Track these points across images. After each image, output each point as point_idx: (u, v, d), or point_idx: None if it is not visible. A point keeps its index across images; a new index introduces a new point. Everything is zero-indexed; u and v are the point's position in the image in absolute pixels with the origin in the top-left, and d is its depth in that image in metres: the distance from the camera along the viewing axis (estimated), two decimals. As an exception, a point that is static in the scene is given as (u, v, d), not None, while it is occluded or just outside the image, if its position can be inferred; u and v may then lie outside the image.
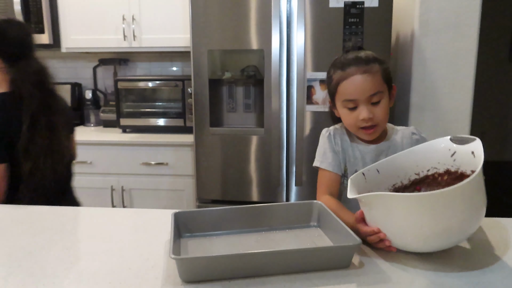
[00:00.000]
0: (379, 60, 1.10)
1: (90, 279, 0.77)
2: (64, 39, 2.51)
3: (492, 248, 0.89)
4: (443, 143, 0.93)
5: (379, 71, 1.08)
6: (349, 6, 1.85)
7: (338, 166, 1.17)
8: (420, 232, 0.78)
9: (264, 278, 0.76)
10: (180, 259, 0.74)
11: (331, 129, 1.22)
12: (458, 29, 1.91)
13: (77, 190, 2.37)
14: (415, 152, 0.96)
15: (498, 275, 0.77)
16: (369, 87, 1.06)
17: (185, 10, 2.36)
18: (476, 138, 0.87)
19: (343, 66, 1.09)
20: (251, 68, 1.98)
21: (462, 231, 0.79)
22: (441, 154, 0.93)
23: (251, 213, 0.98)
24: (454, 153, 0.90)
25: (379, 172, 0.95)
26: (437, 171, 0.94)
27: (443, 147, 0.92)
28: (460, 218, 0.76)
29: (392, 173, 0.97)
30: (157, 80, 2.45)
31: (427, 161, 0.95)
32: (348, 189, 0.88)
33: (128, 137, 2.36)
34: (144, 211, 1.17)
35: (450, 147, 0.91)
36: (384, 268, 0.80)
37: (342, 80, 1.08)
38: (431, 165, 0.95)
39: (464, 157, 0.88)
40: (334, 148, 1.18)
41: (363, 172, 0.94)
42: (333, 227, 0.90)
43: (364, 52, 1.12)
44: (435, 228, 0.76)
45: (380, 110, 1.07)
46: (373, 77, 1.06)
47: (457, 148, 0.90)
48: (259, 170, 2.03)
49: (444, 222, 0.75)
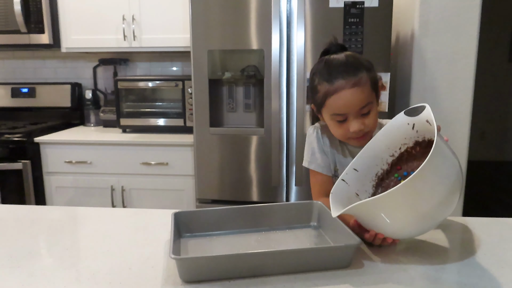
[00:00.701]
0: (366, 67, 1.03)
1: (90, 279, 0.77)
2: (64, 39, 2.51)
3: (492, 248, 0.89)
4: (400, 120, 0.94)
5: (368, 81, 1.01)
6: (349, 6, 1.85)
7: (327, 167, 1.14)
8: (407, 219, 0.80)
9: (264, 278, 0.76)
10: (180, 259, 0.74)
11: (318, 127, 1.17)
12: (458, 29, 1.91)
13: (77, 190, 2.38)
14: (381, 138, 0.97)
15: (498, 274, 0.77)
16: (359, 101, 1.00)
17: (185, 10, 2.36)
18: (426, 105, 0.88)
19: (329, 78, 1.01)
20: (251, 68, 1.98)
21: (446, 202, 0.80)
22: (404, 129, 0.94)
23: (251, 213, 0.98)
24: (413, 125, 0.92)
25: (358, 170, 0.96)
26: (408, 145, 0.96)
27: (402, 123, 0.94)
28: (440, 190, 0.77)
29: (369, 165, 0.97)
30: (157, 80, 2.45)
31: (395, 140, 0.96)
32: (331, 207, 0.86)
33: (128, 137, 2.36)
34: (144, 211, 1.17)
35: (408, 121, 0.93)
36: (384, 268, 0.80)
37: (330, 94, 1.01)
38: (400, 143, 0.96)
39: (423, 126, 0.89)
40: (322, 149, 1.14)
41: (343, 178, 0.94)
42: (333, 227, 0.90)
43: (348, 56, 1.04)
44: (421, 209, 0.78)
45: (370, 119, 1.03)
46: (363, 90, 1.00)
47: (414, 120, 0.92)
48: (259, 170, 2.03)
49: (427, 200, 0.77)
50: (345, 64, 1.01)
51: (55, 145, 2.35)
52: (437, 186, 0.77)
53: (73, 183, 2.37)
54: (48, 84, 2.83)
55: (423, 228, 0.84)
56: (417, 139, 0.93)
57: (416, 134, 0.93)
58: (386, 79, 1.87)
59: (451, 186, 0.78)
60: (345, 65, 1.01)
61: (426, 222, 0.81)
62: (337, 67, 1.01)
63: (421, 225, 0.82)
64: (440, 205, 0.78)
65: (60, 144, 2.35)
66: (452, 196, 0.79)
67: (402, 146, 0.96)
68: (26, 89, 2.81)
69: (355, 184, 0.95)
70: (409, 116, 0.93)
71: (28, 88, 2.81)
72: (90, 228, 1.05)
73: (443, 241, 0.92)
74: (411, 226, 0.81)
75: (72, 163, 2.34)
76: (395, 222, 0.81)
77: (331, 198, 0.89)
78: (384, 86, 1.88)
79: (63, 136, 2.44)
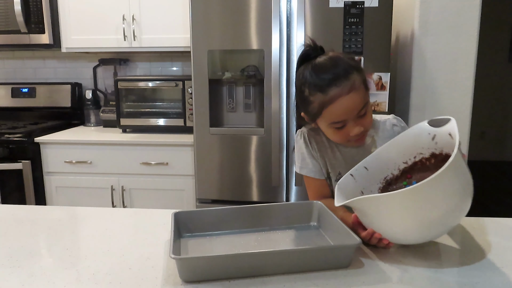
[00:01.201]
0: (355, 66, 0.98)
1: (90, 279, 0.77)
2: (64, 39, 2.51)
3: (492, 248, 0.89)
4: (422, 128, 0.93)
5: (361, 82, 0.97)
6: (349, 6, 1.85)
7: (319, 172, 1.12)
8: (409, 225, 0.79)
9: (264, 278, 0.76)
10: (180, 259, 0.74)
11: (304, 132, 1.13)
12: (458, 29, 1.91)
13: (77, 190, 2.38)
14: (398, 142, 0.96)
15: (498, 274, 0.77)
16: (357, 104, 0.96)
17: (185, 10, 2.36)
18: (451, 118, 0.87)
19: (322, 88, 0.95)
20: (251, 68, 1.98)
21: (453, 215, 0.79)
22: (423, 139, 0.93)
23: (251, 213, 0.98)
24: (434, 136, 0.91)
25: (368, 169, 0.96)
26: (423, 156, 0.95)
27: (423, 132, 0.93)
28: (447, 203, 0.76)
29: (381, 166, 0.97)
30: (157, 80, 2.45)
31: (411, 148, 0.95)
32: (335, 196, 0.87)
33: (128, 137, 2.36)
34: (144, 211, 1.17)
35: (429, 131, 0.92)
36: (384, 268, 0.80)
37: (326, 104, 0.96)
38: (416, 152, 0.95)
39: (444, 139, 0.89)
40: (311, 154, 1.11)
41: (351, 173, 0.94)
42: (333, 227, 0.90)
43: (333, 59, 0.98)
44: (425, 218, 0.77)
45: (367, 119, 1.00)
46: (359, 93, 0.96)
47: (436, 131, 0.91)
48: (259, 170, 2.03)
49: (432, 210, 0.76)
50: (333, 69, 0.96)
51: (55, 145, 2.35)
52: (444, 199, 0.76)
53: (73, 183, 2.37)
54: (48, 84, 2.83)
55: (420, 237, 0.82)
56: (434, 151, 0.92)
57: (435, 146, 0.91)
58: (386, 79, 1.87)
59: (459, 202, 0.78)
60: (334, 71, 0.96)
61: (424, 232, 0.80)
62: (326, 74, 0.96)
63: (419, 233, 0.81)
64: (442, 219, 0.78)
65: (60, 144, 2.35)
66: (458, 213, 0.79)
67: (418, 155, 0.95)
68: (26, 89, 2.81)
69: (362, 182, 0.95)
70: (432, 126, 0.91)
71: (28, 88, 2.81)
72: (90, 228, 1.05)
73: (443, 241, 0.92)
74: (410, 231, 0.81)
75: (72, 163, 2.34)
76: (396, 224, 0.80)
77: (336, 188, 0.89)
78: (384, 86, 1.88)
79: (63, 136, 2.44)
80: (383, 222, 0.82)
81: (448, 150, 0.88)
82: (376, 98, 1.89)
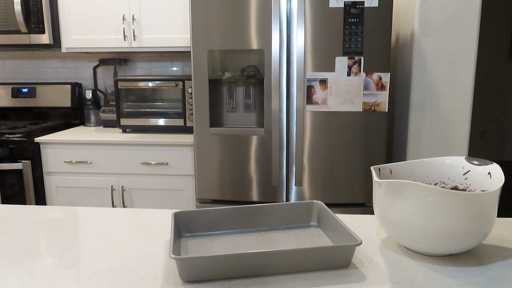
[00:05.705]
0: None
1: (90, 279, 0.77)
2: (64, 39, 2.52)
3: (492, 248, 0.89)
4: (457, 160, 0.92)
5: None
6: (349, 6, 1.85)
7: None
8: (434, 228, 0.77)
9: (264, 278, 0.76)
10: (180, 259, 0.74)
11: None
12: (458, 29, 1.91)
13: (77, 190, 2.38)
14: (428, 163, 0.96)
15: (498, 274, 0.77)
16: None
17: (185, 10, 2.36)
18: (494, 163, 0.87)
19: None
20: (251, 68, 1.98)
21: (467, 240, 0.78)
22: (454, 170, 0.92)
23: (251, 213, 0.98)
24: (467, 171, 0.90)
25: (392, 173, 0.96)
26: (444, 186, 0.94)
27: (456, 164, 0.92)
28: (480, 224, 0.76)
29: (402, 177, 0.96)
30: (157, 80, 2.45)
31: (438, 174, 0.95)
32: (373, 175, 0.87)
33: (128, 137, 2.36)
34: (144, 211, 1.17)
35: (464, 165, 0.91)
36: (384, 268, 0.80)
37: None
38: (440, 179, 0.95)
39: (478, 177, 0.87)
40: None
41: (379, 168, 0.94)
42: (333, 227, 0.90)
43: None
44: (451, 228, 0.76)
45: None
46: None
47: (472, 168, 0.90)
48: (259, 170, 2.03)
49: (465, 225, 0.75)
50: None
51: (55, 145, 2.35)
52: (480, 218, 0.75)
53: (73, 183, 2.37)
54: (48, 84, 2.83)
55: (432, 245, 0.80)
56: (458, 185, 0.91)
57: (463, 181, 0.90)
58: (386, 79, 1.87)
59: (479, 230, 0.77)
60: None
61: (441, 242, 0.79)
62: None
63: (433, 240, 0.79)
64: (462, 235, 0.77)
65: (60, 144, 2.35)
66: (469, 240, 0.78)
67: (439, 183, 0.94)
68: (26, 89, 2.81)
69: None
70: (469, 162, 0.91)
71: (28, 88, 2.81)
72: (90, 228, 1.05)
73: (443, 241, 0.92)
74: (430, 235, 0.78)
75: (72, 163, 2.34)
76: (424, 222, 0.77)
77: (372, 168, 0.89)
78: (384, 86, 1.88)
79: (63, 136, 2.44)
80: (416, 216, 0.78)
81: (474, 189, 0.87)
82: (376, 98, 1.89)
